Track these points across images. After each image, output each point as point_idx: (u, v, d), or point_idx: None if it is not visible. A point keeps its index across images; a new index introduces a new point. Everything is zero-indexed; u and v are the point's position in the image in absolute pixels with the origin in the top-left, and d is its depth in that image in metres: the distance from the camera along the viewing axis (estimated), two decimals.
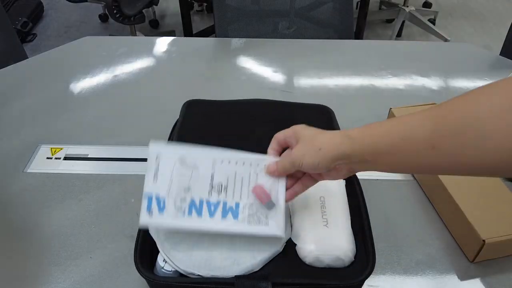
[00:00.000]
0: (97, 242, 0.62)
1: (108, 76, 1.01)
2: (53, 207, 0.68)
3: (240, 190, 0.51)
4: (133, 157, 0.78)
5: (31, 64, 1.07)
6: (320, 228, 0.54)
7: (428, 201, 0.69)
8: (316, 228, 0.54)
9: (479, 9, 3.08)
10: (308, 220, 0.56)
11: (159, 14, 2.97)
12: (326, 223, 0.55)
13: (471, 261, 0.60)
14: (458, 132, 0.38)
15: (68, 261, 0.60)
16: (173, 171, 0.51)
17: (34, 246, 0.62)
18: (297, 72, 1.03)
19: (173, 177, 0.51)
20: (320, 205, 0.57)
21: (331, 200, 0.58)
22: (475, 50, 1.16)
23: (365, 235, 0.54)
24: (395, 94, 0.96)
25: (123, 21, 2.12)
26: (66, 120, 0.87)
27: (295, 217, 0.57)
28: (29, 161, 0.76)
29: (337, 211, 0.57)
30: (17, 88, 0.97)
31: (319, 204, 0.57)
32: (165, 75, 1.03)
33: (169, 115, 0.76)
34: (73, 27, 2.84)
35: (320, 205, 0.57)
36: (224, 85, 0.99)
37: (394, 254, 0.61)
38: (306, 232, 0.54)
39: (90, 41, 1.18)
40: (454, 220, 0.63)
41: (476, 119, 0.37)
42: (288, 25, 1.34)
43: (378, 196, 0.69)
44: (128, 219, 0.65)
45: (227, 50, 1.15)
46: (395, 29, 2.69)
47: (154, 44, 1.16)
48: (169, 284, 0.50)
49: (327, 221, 0.55)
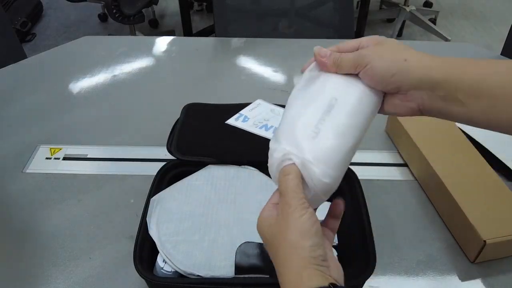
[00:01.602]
0: (97, 242, 0.62)
1: (107, 76, 1.00)
2: (52, 208, 0.68)
3: None
4: (133, 157, 0.77)
5: (30, 64, 1.06)
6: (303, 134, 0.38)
7: (428, 201, 0.69)
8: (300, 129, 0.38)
9: (480, 8, 3.08)
10: (300, 116, 0.39)
11: (159, 14, 2.97)
12: (317, 132, 0.37)
13: (472, 262, 0.60)
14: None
15: (68, 261, 0.60)
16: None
17: (34, 246, 0.62)
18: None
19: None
20: (327, 103, 0.39)
21: (343, 107, 0.39)
22: (476, 49, 1.16)
23: (366, 235, 0.54)
24: None
25: (123, 21, 2.11)
26: (65, 120, 0.87)
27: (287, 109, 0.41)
28: (28, 161, 0.76)
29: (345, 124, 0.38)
30: (16, 88, 0.97)
31: (326, 102, 0.39)
32: (165, 75, 1.03)
33: (169, 115, 0.76)
34: (73, 26, 2.84)
35: (327, 103, 0.39)
36: (224, 84, 0.99)
37: (394, 255, 0.61)
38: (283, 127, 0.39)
39: (90, 40, 1.17)
40: (454, 220, 0.63)
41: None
42: (288, 24, 1.34)
43: (378, 196, 0.69)
44: (128, 219, 0.65)
45: (227, 50, 1.14)
46: (396, 29, 2.69)
47: (153, 43, 1.16)
48: (168, 284, 0.50)
49: (319, 130, 0.37)
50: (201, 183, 0.61)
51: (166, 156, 0.68)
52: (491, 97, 0.34)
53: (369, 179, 0.70)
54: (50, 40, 2.68)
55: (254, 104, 0.80)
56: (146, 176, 0.65)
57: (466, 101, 0.35)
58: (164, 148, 0.68)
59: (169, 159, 0.66)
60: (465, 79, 0.35)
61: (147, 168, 0.74)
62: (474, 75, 0.35)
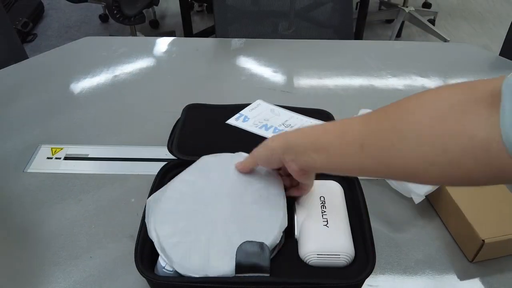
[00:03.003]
0: (97, 242, 0.63)
1: (108, 76, 1.01)
2: (53, 207, 0.68)
3: None
4: (134, 157, 0.78)
5: (32, 64, 1.07)
6: (320, 228, 0.54)
7: (427, 200, 0.69)
8: (317, 227, 0.54)
9: (478, 9, 3.08)
10: (309, 219, 0.56)
11: (159, 15, 2.97)
12: (326, 223, 0.55)
13: (470, 261, 0.60)
14: (383, 134, 0.40)
15: (68, 261, 0.60)
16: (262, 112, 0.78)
17: (34, 246, 0.62)
18: (297, 72, 1.03)
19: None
20: (320, 204, 0.57)
21: (331, 200, 0.58)
22: (474, 50, 1.17)
23: (365, 235, 0.55)
24: (395, 94, 0.96)
25: (124, 22, 2.12)
26: (66, 120, 0.87)
27: (297, 216, 0.57)
28: (29, 161, 0.77)
29: (337, 212, 0.57)
30: (18, 88, 0.97)
31: (319, 204, 0.57)
32: (165, 75, 1.03)
33: (169, 115, 0.76)
34: (74, 27, 2.84)
35: (320, 204, 0.57)
36: (224, 85, 0.99)
37: (393, 254, 0.61)
38: (306, 231, 0.54)
39: (91, 41, 1.18)
40: (453, 220, 0.63)
41: (400, 124, 0.39)
42: (288, 25, 1.35)
43: (378, 196, 0.69)
44: (128, 219, 0.65)
45: (227, 50, 1.15)
46: (395, 30, 2.70)
47: (154, 44, 1.17)
48: (170, 284, 0.50)
49: (327, 221, 0.55)
50: (195, 177, 0.59)
51: (166, 155, 0.68)
52: (325, 150, 0.45)
53: (370, 179, 0.71)
54: (51, 41, 2.68)
55: (254, 104, 0.80)
56: (147, 175, 0.66)
57: (317, 158, 0.46)
58: (165, 148, 0.68)
59: (170, 158, 0.66)
60: (308, 141, 0.47)
61: (148, 168, 0.75)
62: (314, 138, 0.46)
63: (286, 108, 0.80)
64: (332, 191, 0.60)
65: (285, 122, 0.76)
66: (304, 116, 0.77)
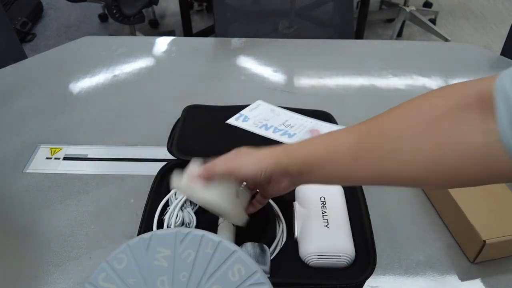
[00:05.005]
0: (97, 242, 0.62)
1: (107, 76, 1.00)
2: (53, 208, 0.68)
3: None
4: (133, 157, 0.78)
5: (31, 64, 1.06)
6: (321, 228, 0.54)
7: (428, 201, 0.69)
8: (317, 228, 0.54)
9: (479, 9, 3.08)
10: (309, 219, 0.55)
11: (159, 14, 2.97)
12: (327, 224, 0.54)
13: (471, 262, 0.60)
14: (377, 145, 0.40)
15: (68, 261, 0.60)
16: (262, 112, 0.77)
17: (34, 246, 0.62)
18: (297, 72, 1.02)
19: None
20: (320, 205, 0.57)
21: (331, 200, 0.58)
22: (475, 50, 1.16)
23: (366, 236, 0.54)
24: (396, 94, 0.95)
25: (123, 21, 2.12)
26: (65, 120, 0.87)
27: (297, 216, 0.56)
28: (28, 161, 0.76)
29: (337, 212, 0.57)
30: (17, 88, 0.97)
31: (319, 204, 0.57)
32: (165, 75, 1.03)
33: (169, 114, 0.76)
34: (73, 27, 2.84)
35: (320, 205, 0.57)
36: (224, 85, 0.99)
37: (394, 255, 0.61)
38: (307, 232, 0.54)
39: (90, 41, 1.17)
40: (454, 221, 0.63)
41: (393, 134, 0.39)
42: (288, 25, 1.34)
43: (378, 196, 0.69)
44: (128, 219, 0.65)
45: (227, 50, 1.15)
46: (396, 29, 2.69)
47: (153, 44, 1.16)
48: None
49: (327, 222, 0.55)
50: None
51: (166, 156, 0.68)
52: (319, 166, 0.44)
53: None
54: (50, 40, 2.68)
55: (254, 104, 0.80)
56: (147, 176, 0.65)
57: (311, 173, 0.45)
58: (164, 148, 0.68)
59: (169, 159, 0.66)
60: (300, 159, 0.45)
61: (147, 168, 0.74)
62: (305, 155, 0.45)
63: (286, 109, 0.80)
64: (333, 191, 0.59)
65: (285, 122, 0.75)
66: (304, 116, 0.77)
